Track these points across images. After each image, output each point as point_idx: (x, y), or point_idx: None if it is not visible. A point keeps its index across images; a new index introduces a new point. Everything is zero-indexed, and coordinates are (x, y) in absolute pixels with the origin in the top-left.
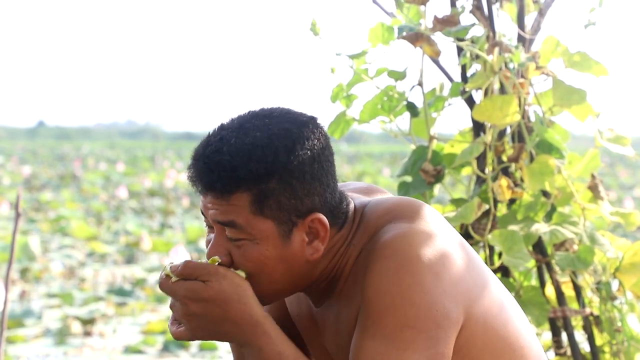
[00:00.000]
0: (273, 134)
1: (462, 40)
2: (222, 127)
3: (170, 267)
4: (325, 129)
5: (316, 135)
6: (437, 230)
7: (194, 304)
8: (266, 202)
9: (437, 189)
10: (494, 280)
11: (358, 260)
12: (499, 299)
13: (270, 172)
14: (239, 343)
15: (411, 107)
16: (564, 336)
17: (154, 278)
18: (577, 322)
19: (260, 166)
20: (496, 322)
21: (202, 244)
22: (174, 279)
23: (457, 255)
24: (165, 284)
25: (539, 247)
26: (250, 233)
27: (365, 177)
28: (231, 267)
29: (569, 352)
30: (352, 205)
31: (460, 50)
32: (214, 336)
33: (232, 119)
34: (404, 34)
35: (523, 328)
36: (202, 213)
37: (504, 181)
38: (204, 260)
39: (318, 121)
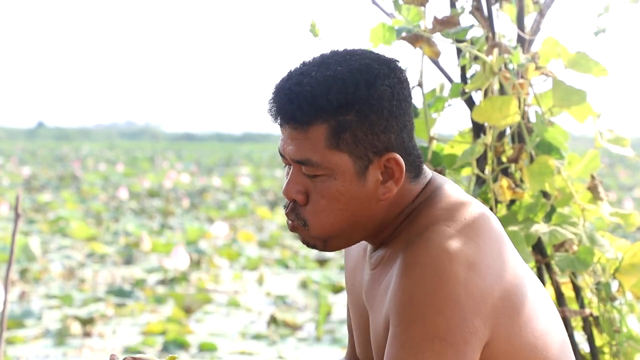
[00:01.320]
0: (354, 68)
1: (461, 41)
2: (303, 63)
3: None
4: (407, 74)
5: (397, 74)
6: (484, 246)
7: None
8: (343, 136)
9: None
10: (531, 295)
11: (405, 252)
12: (530, 317)
13: (350, 103)
14: None
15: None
16: None
17: (153, 279)
18: (576, 323)
19: (340, 97)
20: (522, 341)
21: (202, 244)
22: None
23: (496, 276)
24: None
25: (538, 248)
26: (327, 168)
27: None
28: (305, 206)
29: None
30: (426, 169)
31: (459, 51)
32: None
33: (313, 57)
34: (403, 34)
35: (554, 340)
36: (280, 153)
37: (504, 182)
38: (205, 259)
39: (399, 64)
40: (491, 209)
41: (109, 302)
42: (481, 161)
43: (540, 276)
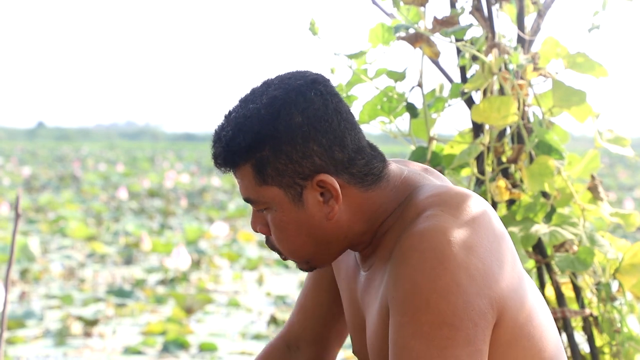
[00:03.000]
0: (262, 104)
1: (460, 40)
2: (240, 98)
3: None
4: (331, 87)
5: (308, 98)
6: (479, 228)
7: None
8: (266, 171)
9: None
10: (528, 284)
11: (400, 243)
12: (530, 305)
13: (259, 141)
14: None
15: (411, 108)
16: (563, 337)
17: (153, 279)
18: (576, 323)
19: (248, 137)
20: (525, 327)
21: (203, 244)
22: None
23: (495, 257)
24: None
25: (538, 248)
26: (264, 202)
27: None
28: (271, 237)
29: (568, 353)
30: (393, 169)
31: (459, 51)
32: None
33: (249, 91)
34: (403, 34)
35: (551, 335)
36: None
37: (502, 182)
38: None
39: (318, 83)
40: None
41: (109, 302)
42: (480, 161)
43: (541, 276)
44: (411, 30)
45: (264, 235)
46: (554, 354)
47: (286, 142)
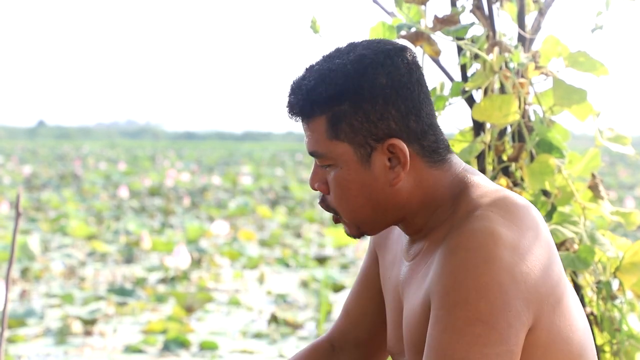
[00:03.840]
0: (349, 60)
1: (461, 39)
2: (322, 57)
3: None
4: (417, 60)
5: (394, 63)
6: (527, 232)
7: None
8: (340, 126)
9: None
10: (569, 294)
11: (449, 238)
12: (569, 309)
13: (341, 94)
14: None
15: None
16: None
17: (154, 277)
18: None
19: (330, 89)
20: (561, 333)
21: (203, 243)
22: None
23: (539, 264)
24: None
25: None
26: (331, 158)
27: None
28: (329, 196)
29: None
30: (454, 158)
31: (460, 49)
32: None
33: (333, 50)
34: (404, 33)
35: (586, 338)
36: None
37: (502, 181)
38: (206, 258)
39: (406, 52)
40: None
41: (109, 300)
42: (481, 160)
43: None
44: (412, 29)
45: (318, 193)
46: (591, 359)
47: (367, 100)
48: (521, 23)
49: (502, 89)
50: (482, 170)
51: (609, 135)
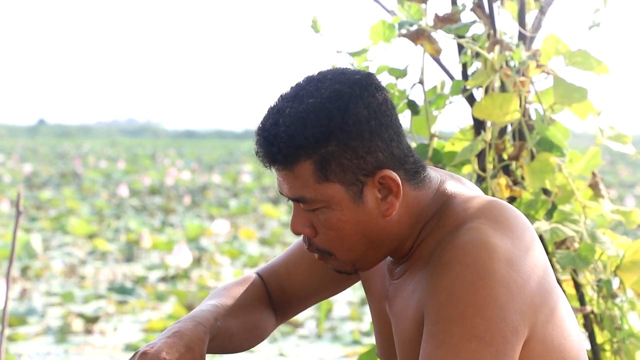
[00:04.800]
0: (325, 97)
1: (462, 37)
2: (280, 98)
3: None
4: (382, 85)
5: (370, 92)
6: (520, 242)
7: None
8: (329, 167)
9: None
10: (561, 301)
11: (439, 253)
12: (561, 319)
13: (327, 135)
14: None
15: (412, 105)
16: None
17: (154, 276)
18: (577, 320)
19: (316, 131)
20: (555, 344)
21: (204, 242)
22: None
23: (533, 274)
24: None
25: None
26: (322, 201)
27: None
28: (316, 239)
29: None
30: (431, 173)
31: (461, 48)
32: None
33: (290, 88)
34: (405, 31)
35: (579, 347)
36: (279, 192)
37: (502, 179)
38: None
39: (373, 78)
40: None
41: (110, 299)
42: (482, 158)
43: None
44: (413, 27)
45: (301, 237)
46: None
47: (354, 136)
48: (522, 21)
49: (503, 88)
50: (483, 169)
51: (609, 134)
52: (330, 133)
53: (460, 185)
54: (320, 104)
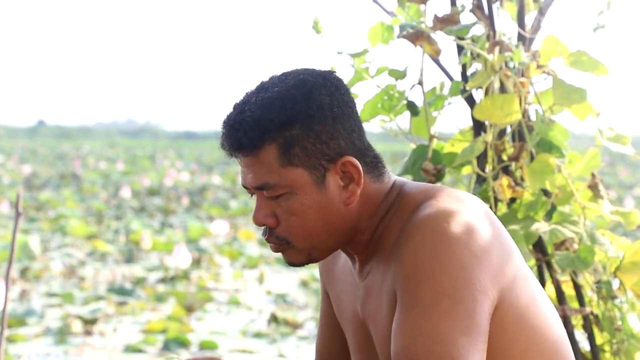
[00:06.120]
0: (290, 85)
1: (462, 39)
2: (245, 93)
3: None
4: (345, 80)
5: (333, 83)
6: (477, 213)
7: None
8: (293, 150)
9: None
10: (527, 269)
11: (400, 236)
12: (532, 288)
13: (292, 118)
14: None
15: (411, 106)
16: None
17: (154, 277)
18: (577, 321)
19: (281, 114)
20: (528, 310)
21: (203, 243)
22: None
23: (494, 239)
24: None
25: (539, 246)
26: (286, 186)
27: None
28: (279, 227)
29: None
30: (388, 171)
31: (460, 49)
32: None
33: (256, 85)
34: (405, 32)
35: (553, 318)
36: (243, 185)
37: (504, 180)
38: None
39: (336, 74)
40: (491, 207)
41: (109, 300)
42: (481, 159)
43: (541, 274)
44: (411, 29)
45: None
46: (557, 339)
47: (318, 121)
48: (521, 22)
49: (502, 89)
50: (482, 169)
51: (608, 135)
52: (294, 117)
53: (415, 183)
54: (285, 91)
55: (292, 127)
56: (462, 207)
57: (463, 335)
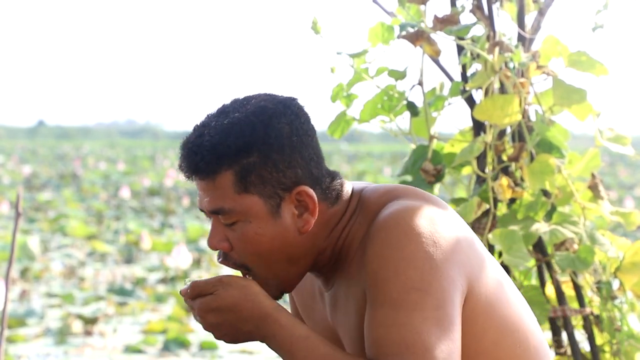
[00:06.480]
0: (250, 112)
1: (462, 39)
2: (206, 116)
3: (181, 292)
4: (306, 109)
5: (293, 111)
6: (439, 208)
7: (209, 315)
8: (249, 178)
9: (437, 188)
10: (493, 261)
11: (364, 239)
12: (499, 279)
13: (249, 146)
14: (260, 339)
15: (411, 107)
16: (564, 335)
17: (154, 277)
18: (577, 322)
19: (239, 141)
20: (498, 300)
21: (203, 243)
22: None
23: (457, 232)
24: (185, 302)
25: (539, 247)
26: (240, 213)
27: (365, 176)
28: (232, 253)
29: (569, 352)
30: (347, 186)
31: (460, 49)
32: (240, 338)
33: (216, 108)
34: (404, 33)
35: (524, 310)
36: (199, 209)
37: (504, 180)
38: (205, 258)
39: (297, 101)
40: (491, 207)
41: (109, 300)
42: (481, 160)
43: (541, 275)
44: (411, 29)
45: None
46: (529, 330)
47: (276, 149)
48: (521, 23)
49: (502, 89)
50: (482, 170)
51: (608, 135)
52: (252, 144)
53: (374, 185)
54: (244, 117)
55: (249, 155)
56: (423, 203)
57: (434, 325)
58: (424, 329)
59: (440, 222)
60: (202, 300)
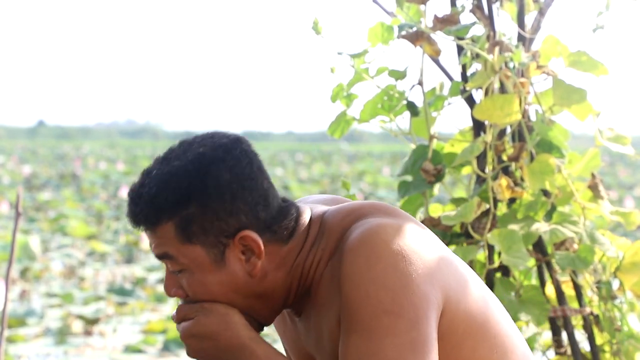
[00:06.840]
0: (188, 160)
1: (462, 39)
2: (154, 159)
3: (172, 317)
4: (252, 149)
5: (235, 155)
6: (405, 222)
7: (190, 340)
8: (190, 229)
9: (437, 188)
10: (466, 269)
11: (332, 263)
12: (474, 286)
13: (187, 197)
14: None
15: (411, 107)
16: (564, 335)
17: (154, 277)
18: (577, 322)
19: (176, 193)
20: (475, 308)
21: None
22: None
23: (427, 244)
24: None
25: (539, 247)
26: (184, 263)
27: (365, 176)
28: (188, 298)
29: (569, 352)
30: (304, 216)
31: (460, 49)
32: None
33: (166, 150)
34: (404, 33)
35: (502, 316)
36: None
37: (504, 180)
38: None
39: (241, 142)
40: (491, 207)
41: (109, 300)
42: (481, 160)
43: (541, 275)
44: (412, 29)
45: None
46: (507, 334)
47: (215, 199)
48: (521, 23)
49: (502, 89)
50: (482, 170)
51: (608, 135)
52: (190, 195)
53: (333, 209)
54: (182, 167)
55: (187, 206)
56: (391, 219)
57: (408, 350)
58: (398, 357)
59: (409, 236)
60: (184, 324)
